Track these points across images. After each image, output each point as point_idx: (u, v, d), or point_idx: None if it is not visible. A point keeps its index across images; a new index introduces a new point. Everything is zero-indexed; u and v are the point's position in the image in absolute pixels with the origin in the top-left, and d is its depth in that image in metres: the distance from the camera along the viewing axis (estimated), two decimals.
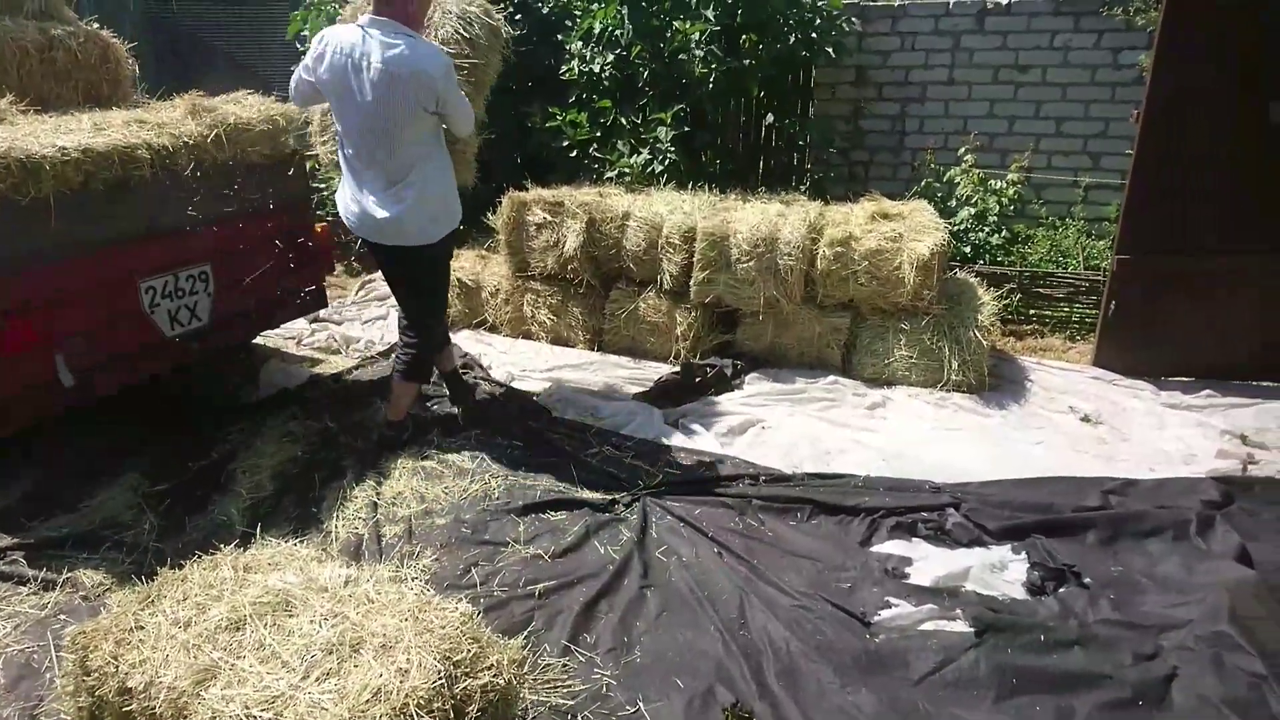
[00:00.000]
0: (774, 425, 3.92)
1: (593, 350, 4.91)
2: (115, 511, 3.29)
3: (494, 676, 1.92)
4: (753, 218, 4.44)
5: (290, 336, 5.15)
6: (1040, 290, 4.99)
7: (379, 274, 6.21)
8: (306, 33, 6.40)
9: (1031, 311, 5.03)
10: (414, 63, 3.09)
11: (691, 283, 4.51)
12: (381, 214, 3.29)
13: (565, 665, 2.46)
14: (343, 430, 3.82)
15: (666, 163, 5.33)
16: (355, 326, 5.36)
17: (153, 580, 2.21)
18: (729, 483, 3.38)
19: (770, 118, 5.93)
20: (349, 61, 3.12)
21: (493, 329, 5.22)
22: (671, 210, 4.65)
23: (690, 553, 2.96)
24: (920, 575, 2.81)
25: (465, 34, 3.54)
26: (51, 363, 3.18)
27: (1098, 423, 3.89)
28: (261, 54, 7.80)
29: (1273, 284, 4.00)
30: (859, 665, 2.44)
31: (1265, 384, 4.12)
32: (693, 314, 4.61)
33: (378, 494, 3.33)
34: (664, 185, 5.18)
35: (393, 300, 5.69)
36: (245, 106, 3.86)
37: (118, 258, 3.36)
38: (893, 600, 2.69)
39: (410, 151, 3.26)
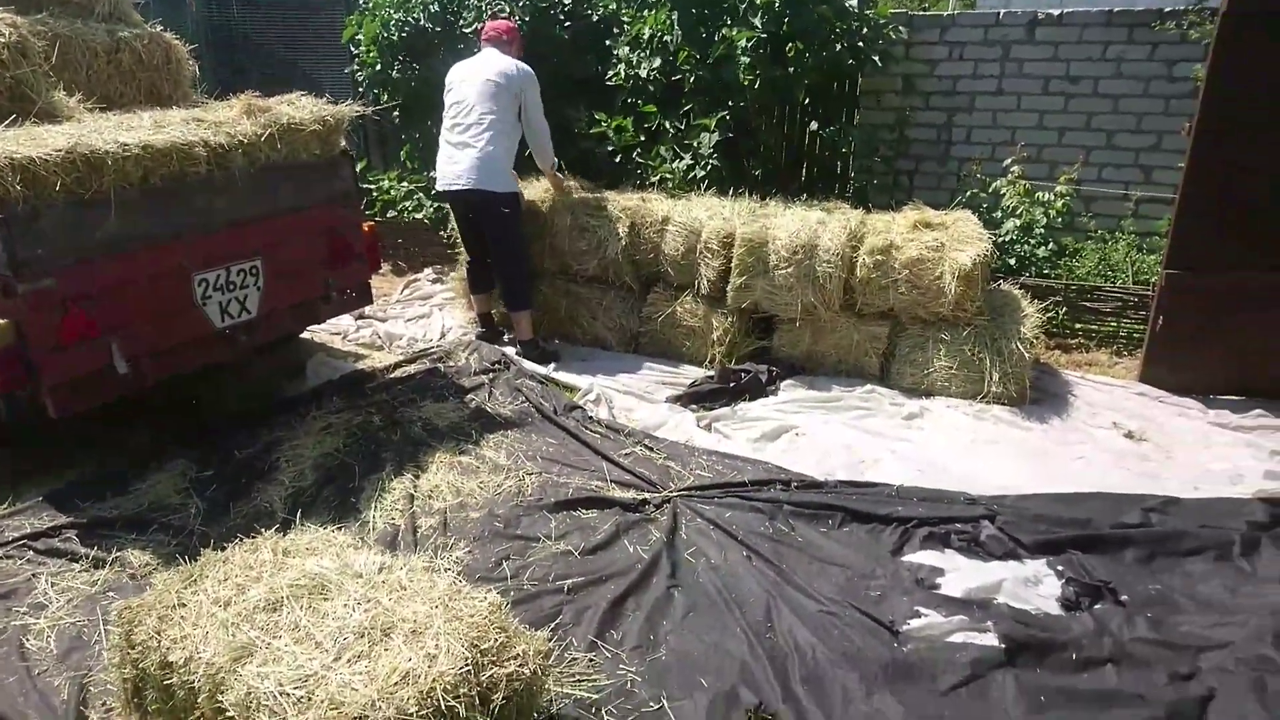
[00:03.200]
0: (808, 432, 3.91)
1: (629, 352, 4.95)
2: (164, 495, 3.41)
3: (520, 666, 1.95)
4: (792, 224, 4.43)
5: (336, 332, 5.28)
6: (1087, 304, 4.90)
7: (424, 273, 6.37)
8: (361, 37, 6.56)
9: (1078, 326, 4.94)
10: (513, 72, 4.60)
11: (729, 288, 4.53)
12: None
13: (591, 660, 2.48)
14: (383, 424, 3.90)
15: (708, 169, 5.34)
16: (399, 324, 5.46)
17: (196, 561, 2.28)
18: (760, 487, 3.38)
19: (814, 125, 5.91)
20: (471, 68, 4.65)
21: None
22: (711, 215, 4.67)
23: (719, 555, 2.97)
24: (951, 586, 2.78)
25: None
26: (108, 350, 3.29)
27: (1141, 440, 3.81)
28: (315, 58, 7.98)
29: None
30: (885, 674, 2.42)
31: None
32: (729, 319, 4.62)
33: (415, 487, 3.40)
34: (705, 191, 5.20)
35: (436, 300, 5.83)
36: (298, 107, 3.95)
37: (173, 251, 3.46)
38: (922, 610, 2.67)
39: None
